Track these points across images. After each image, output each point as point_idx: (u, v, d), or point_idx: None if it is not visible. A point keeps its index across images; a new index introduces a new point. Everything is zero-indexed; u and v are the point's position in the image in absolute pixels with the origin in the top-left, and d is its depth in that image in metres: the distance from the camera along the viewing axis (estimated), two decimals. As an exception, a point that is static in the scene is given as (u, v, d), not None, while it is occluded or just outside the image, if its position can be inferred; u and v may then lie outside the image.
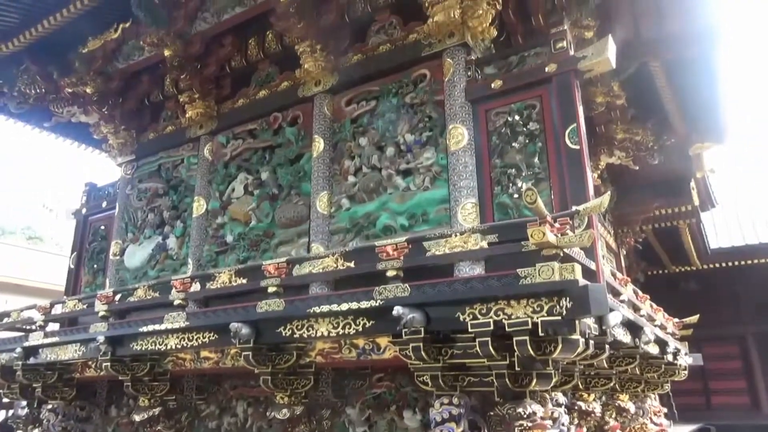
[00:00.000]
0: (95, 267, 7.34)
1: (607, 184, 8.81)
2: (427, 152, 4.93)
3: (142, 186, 7.05)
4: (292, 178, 5.76)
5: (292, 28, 5.64)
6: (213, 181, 6.37)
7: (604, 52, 4.29)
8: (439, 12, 4.94)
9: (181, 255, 6.39)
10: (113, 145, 7.37)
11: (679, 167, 8.85)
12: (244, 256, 5.80)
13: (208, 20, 6.25)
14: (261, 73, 6.42)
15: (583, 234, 3.15)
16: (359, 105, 5.50)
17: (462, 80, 4.90)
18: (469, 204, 4.53)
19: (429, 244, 4.19)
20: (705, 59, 6.62)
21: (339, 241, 5.19)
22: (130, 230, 6.94)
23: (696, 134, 8.13)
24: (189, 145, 6.78)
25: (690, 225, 10.32)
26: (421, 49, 5.21)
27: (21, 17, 6.24)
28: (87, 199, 7.91)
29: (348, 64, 5.66)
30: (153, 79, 7.14)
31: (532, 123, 4.54)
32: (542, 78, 4.54)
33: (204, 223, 6.26)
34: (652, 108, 7.67)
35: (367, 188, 5.18)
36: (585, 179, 4.11)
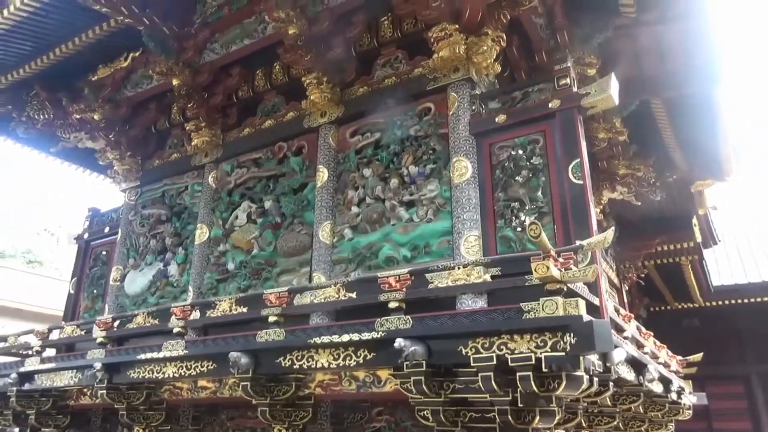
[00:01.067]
0: (95, 292, 7.30)
1: (609, 219, 8.82)
2: (431, 184, 4.95)
3: (146, 212, 7.07)
4: (295, 207, 5.77)
5: (300, 61, 5.73)
6: (216, 209, 6.39)
7: (608, 89, 4.35)
8: (444, 48, 5.03)
9: (182, 282, 6.36)
10: (118, 171, 7.42)
11: (681, 204, 8.88)
12: (245, 285, 5.77)
13: (217, 51, 6.38)
14: (267, 103, 6.50)
15: (587, 269, 3.15)
16: (364, 136, 5.55)
17: (466, 114, 4.96)
18: (472, 237, 4.53)
19: (431, 276, 4.18)
20: (705, 97, 6.71)
21: (341, 271, 5.17)
22: (132, 256, 6.93)
23: (698, 171, 8.18)
24: (193, 172, 6.82)
25: (692, 262, 10.29)
26: (426, 83, 5.29)
27: (34, 45, 6.36)
28: (89, 224, 7.93)
29: (353, 96, 5.74)
30: (160, 107, 7.23)
31: (536, 157, 4.58)
32: (546, 113, 4.59)
33: (206, 250, 6.26)
34: (654, 144, 7.74)
35: (370, 219, 5.19)
36: (588, 214, 4.11)
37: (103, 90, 7.00)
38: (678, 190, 8.49)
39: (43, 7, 5.62)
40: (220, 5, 6.27)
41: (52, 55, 6.44)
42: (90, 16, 5.89)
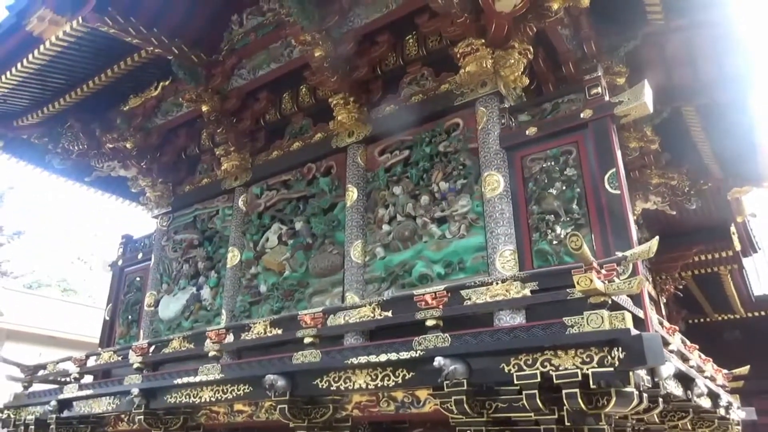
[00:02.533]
0: (129, 318, 7.38)
1: (643, 229, 8.64)
2: (462, 200, 4.91)
3: (178, 237, 7.15)
4: (326, 228, 5.77)
5: (326, 82, 5.78)
6: (247, 232, 6.43)
7: (641, 96, 4.27)
8: (471, 62, 5.02)
9: (215, 306, 6.39)
10: (150, 197, 7.54)
11: (718, 212, 8.66)
12: (278, 307, 5.77)
13: (245, 77, 6.49)
14: (295, 126, 6.55)
15: (632, 281, 3.05)
16: (393, 154, 5.55)
17: (496, 128, 4.92)
18: (507, 251, 4.45)
19: (468, 292, 4.11)
20: (740, 103, 6.55)
21: (374, 291, 5.13)
22: (165, 281, 7.00)
23: (733, 178, 7.98)
24: (224, 196, 6.89)
25: (732, 271, 9.98)
26: (453, 98, 5.27)
27: (67, 79, 6.53)
28: (123, 251, 8.05)
29: (381, 115, 5.75)
30: (190, 134, 7.36)
31: (569, 169, 4.50)
32: (578, 124, 4.53)
33: (238, 273, 6.29)
34: (687, 152, 7.58)
35: (401, 236, 5.15)
36: (627, 224, 4.02)
37: (135, 119, 7.16)
38: (714, 198, 8.28)
39: (76, 42, 5.77)
40: (246, 32, 6.39)
41: (86, 87, 6.60)
42: (121, 48, 6.03)
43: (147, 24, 5.78)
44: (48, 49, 5.77)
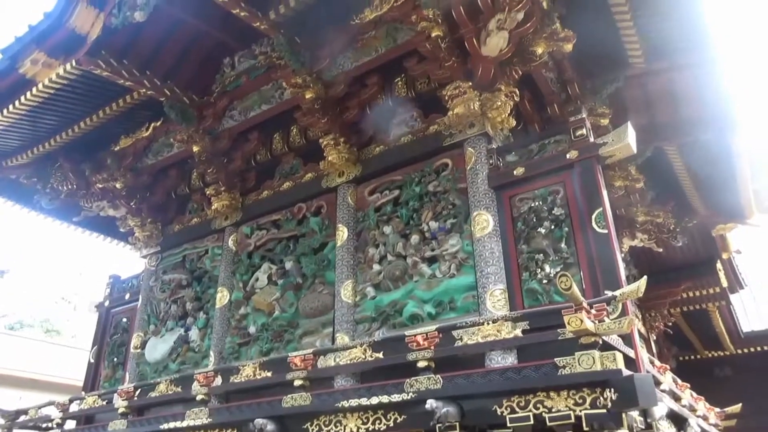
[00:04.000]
0: (115, 361, 7.24)
1: (630, 266, 8.69)
2: (452, 239, 4.94)
3: (166, 277, 7.09)
4: (316, 267, 5.77)
5: (316, 123, 5.87)
6: (237, 272, 6.39)
7: (625, 138, 4.38)
8: (459, 105, 5.13)
9: (203, 347, 6.30)
10: (139, 237, 7.50)
11: (704, 249, 8.76)
12: (268, 348, 5.70)
13: (236, 117, 6.56)
14: (285, 166, 6.60)
15: (622, 320, 3.07)
16: (383, 194, 5.60)
17: (484, 168, 5.00)
18: (497, 290, 4.47)
19: (459, 332, 4.11)
20: (721, 142, 6.71)
21: (364, 331, 5.10)
22: (153, 322, 6.91)
23: (718, 215, 8.10)
24: (214, 236, 6.88)
25: (720, 308, 10.03)
26: (442, 139, 5.37)
27: (59, 119, 6.56)
28: (110, 292, 7.96)
29: (371, 156, 5.83)
30: (180, 174, 7.38)
31: (557, 208, 4.57)
32: (564, 164, 4.62)
33: (227, 314, 6.23)
34: (672, 190, 7.71)
35: (392, 276, 5.15)
36: (616, 263, 4.06)
37: (125, 159, 7.17)
38: (700, 235, 8.38)
39: (69, 84, 5.82)
40: (238, 74, 6.49)
41: (77, 128, 6.62)
42: (113, 89, 6.10)
43: (140, 67, 5.87)
44: (41, 91, 5.81)
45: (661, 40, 5.53)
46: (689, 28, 5.24)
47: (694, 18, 5.07)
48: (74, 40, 5.37)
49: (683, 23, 5.20)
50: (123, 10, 5.01)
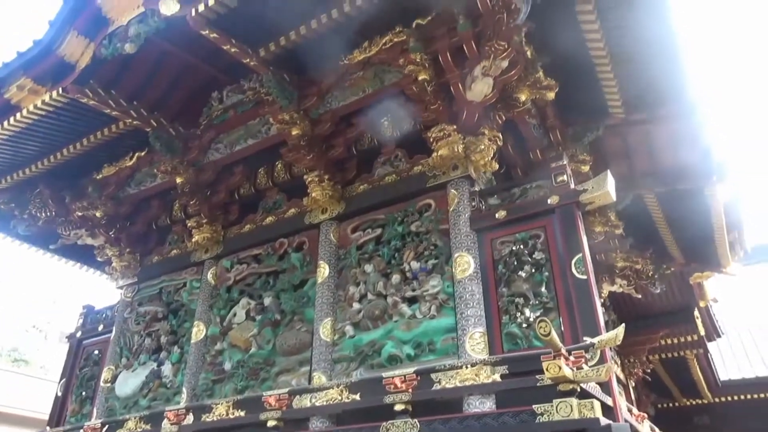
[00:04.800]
0: (83, 394, 7.01)
1: (610, 311, 8.74)
2: (433, 280, 4.93)
3: (142, 309, 6.95)
4: (295, 304, 5.70)
5: (301, 160, 5.90)
6: (214, 306, 6.29)
7: (605, 185, 4.46)
8: (443, 147, 5.20)
9: (176, 383, 6.14)
10: (116, 267, 7.37)
11: (682, 296, 8.85)
12: (242, 386, 5.57)
13: (221, 150, 6.57)
14: (269, 200, 6.59)
15: (600, 368, 3.07)
16: (365, 232, 5.60)
17: (466, 210, 5.04)
18: (477, 333, 4.45)
19: (438, 375, 4.06)
20: (697, 192, 6.86)
21: (342, 371, 5.02)
22: (125, 355, 6.73)
23: (695, 264, 8.22)
24: (193, 268, 6.79)
25: (697, 355, 10.08)
26: (426, 180, 5.42)
27: (42, 146, 6.50)
28: (83, 322, 7.75)
29: (354, 193, 5.85)
30: (162, 204, 7.32)
31: (538, 252, 4.61)
32: (545, 209, 4.68)
33: (202, 349, 6.10)
34: (650, 237, 7.83)
35: (372, 315, 5.11)
36: (595, 310, 4.08)
37: (107, 188, 7.10)
38: (677, 283, 8.48)
39: (54, 111, 5.80)
40: (226, 108, 6.52)
41: (60, 155, 6.57)
42: (99, 118, 6.09)
43: (127, 97, 5.89)
44: (25, 117, 5.76)
45: (639, 92, 5.69)
46: (667, 81, 5.41)
47: (672, 71, 5.24)
48: (62, 68, 5.38)
49: (662, 76, 5.37)
50: (114, 41, 5.05)
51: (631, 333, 9.29)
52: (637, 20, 4.79)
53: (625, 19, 4.83)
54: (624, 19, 4.84)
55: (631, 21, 4.83)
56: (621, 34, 4.99)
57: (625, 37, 5.01)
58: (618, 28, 4.95)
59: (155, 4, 4.73)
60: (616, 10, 4.77)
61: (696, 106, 5.63)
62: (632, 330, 9.22)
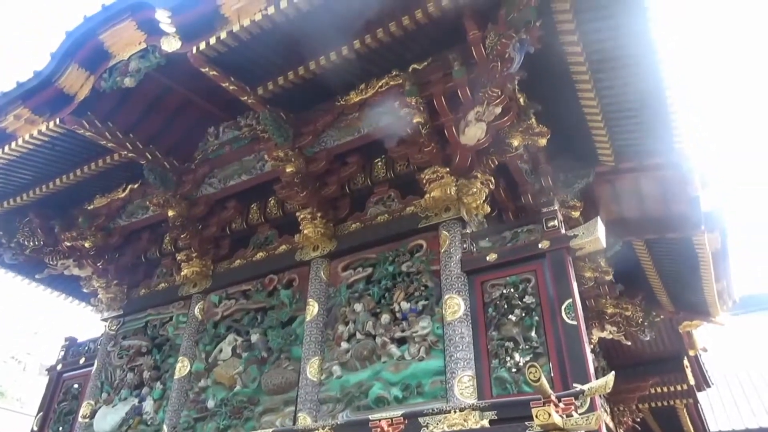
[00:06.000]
0: (60, 430, 6.81)
1: (599, 358, 8.69)
2: (423, 321, 4.90)
3: (126, 343, 6.83)
4: (282, 342, 5.63)
5: (295, 197, 5.93)
6: (200, 342, 6.20)
7: (595, 232, 4.51)
8: (436, 188, 5.26)
9: (157, 420, 5.99)
10: (102, 299, 7.28)
11: (671, 344, 8.84)
12: (225, 425, 5.44)
13: (215, 185, 6.58)
14: (260, 236, 6.58)
15: (590, 416, 3.04)
16: (356, 271, 5.59)
17: (458, 252, 5.05)
18: (465, 377, 4.40)
19: (425, 420, 4.00)
20: (685, 241, 6.94)
21: (328, 412, 4.92)
22: (106, 390, 6.57)
23: (684, 312, 8.24)
24: (180, 303, 6.71)
25: (687, 405, 9.98)
26: (418, 221, 5.45)
27: (34, 175, 6.49)
28: (65, 354, 7.58)
29: (346, 232, 5.86)
30: (152, 237, 7.28)
31: (528, 296, 4.61)
32: (536, 253, 4.71)
33: (186, 385, 5.97)
34: (640, 284, 7.86)
35: (360, 355, 5.05)
36: (584, 356, 4.06)
37: (98, 219, 7.05)
38: (666, 331, 8.49)
39: (49, 141, 5.82)
40: (221, 143, 6.57)
41: (52, 184, 6.55)
42: (94, 149, 6.11)
43: (124, 130, 5.93)
44: (19, 146, 5.79)
45: (629, 142, 5.82)
46: (656, 133, 5.55)
47: (662, 124, 5.38)
48: (61, 99, 5.43)
49: (651, 128, 5.51)
50: (114, 75, 5.13)
51: (620, 380, 9.20)
52: (628, 77, 4.95)
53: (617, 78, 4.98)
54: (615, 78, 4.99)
55: (622, 78, 4.98)
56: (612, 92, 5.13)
57: (615, 93, 5.15)
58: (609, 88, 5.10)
59: (157, 41, 4.82)
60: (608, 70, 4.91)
61: (684, 157, 5.75)
62: (622, 377, 9.14)
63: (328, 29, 4.55)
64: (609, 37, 4.61)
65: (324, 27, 4.51)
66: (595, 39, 4.65)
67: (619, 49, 4.69)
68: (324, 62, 4.95)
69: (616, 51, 4.73)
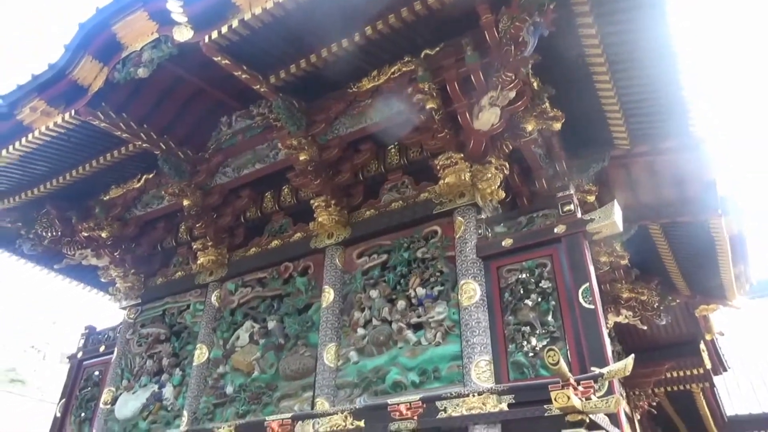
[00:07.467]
0: (82, 416, 6.94)
1: (615, 342, 8.67)
2: (439, 306, 4.92)
3: (144, 331, 6.92)
4: (299, 328, 5.68)
5: (308, 185, 5.94)
6: (218, 329, 6.27)
7: (611, 215, 4.48)
8: (450, 174, 5.24)
9: (177, 406, 6.08)
10: (120, 288, 7.37)
11: (688, 329, 8.79)
12: (244, 410, 5.51)
13: (229, 174, 6.61)
14: (275, 224, 6.61)
15: (610, 399, 3.04)
16: (371, 258, 5.61)
17: (473, 237, 5.05)
18: (482, 362, 4.41)
19: (444, 403, 4.02)
20: (701, 225, 6.86)
21: (345, 397, 4.97)
22: (126, 377, 6.68)
23: (700, 296, 8.17)
24: (197, 291, 6.78)
25: (704, 389, 9.94)
26: (432, 207, 5.44)
27: (51, 166, 6.56)
28: (84, 343, 7.71)
29: (361, 219, 5.87)
30: (168, 226, 7.34)
31: (544, 281, 4.60)
32: (552, 238, 4.69)
33: (204, 372, 6.05)
34: (655, 268, 7.80)
35: (376, 341, 5.08)
36: (602, 340, 4.05)
37: (114, 209, 7.13)
38: (683, 315, 8.43)
39: (65, 132, 5.87)
40: (234, 132, 6.59)
41: (69, 176, 6.62)
42: (109, 140, 6.16)
43: (138, 120, 5.96)
44: (36, 138, 5.83)
45: (644, 124, 5.76)
46: (672, 116, 5.48)
47: (677, 107, 5.31)
48: (75, 91, 5.47)
49: (667, 109, 5.44)
50: (127, 66, 5.15)
51: (636, 365, 9.10)
52: (644, 61, 4.88)
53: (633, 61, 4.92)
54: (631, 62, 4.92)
55: (638, 61, 4.91)
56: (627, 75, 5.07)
57: (630, 76, 5.08)
58: (624, 71, 5.03)
59: (169, 31, 4.83)
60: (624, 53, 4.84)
61: (700, 140, 5.67)
62: (637, 362, 9.02)
63: (339, 16, 4.53)
64: (625, 20, 4.55)
65: (335, 14, 4.49)
66: (610, 22, 4.58)
67: (635, 33, 4.62)
68: (336, 49, 4.93)
69: (631, 35, 4.66)
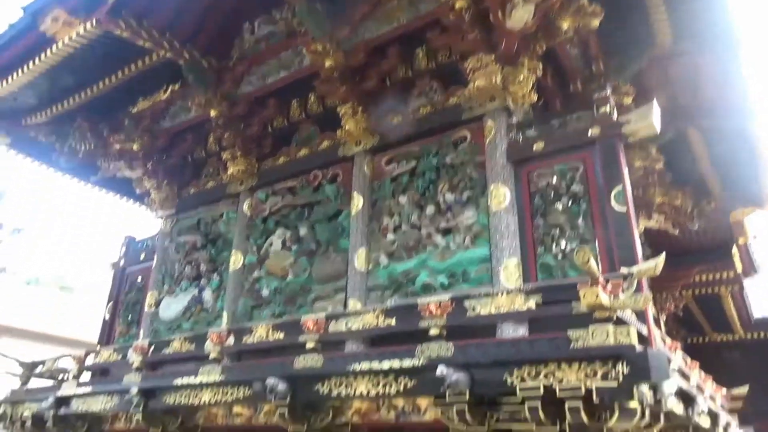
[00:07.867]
0: (130, 318, 7.38)
1: (645, 247, 8.65)
2: (468, 211, 4.94)
3: (181, 239, 7.17)
4: (330, 235, 5.80)
5: (335, 92, 5.84)
6: (251, 236, 6.45)
7: (649, 117, 4.32)
8: (480, 78, 5.07)
9: (216, 308, 6.40)
10: (155, 199, 7.57)
11: (720, 233, 8.68)
12: (280, 311, 5.78)
13: (254, 83, 6.53)
14: (302, 133, 6.60)
15: (638, 296, 3.09)
16: (399, 164, 5.59)
17: (503, 142, 4.96)
18: (511, 264, 4.48)
19: (472, 302, 4.13)
20: (742, 128, 6.60)
21: (377, 298, 5.15)
22: (167, 282, 7.01)
23: (736, 200, 8.01)
24: (228, 200, 6.92)
25: (732, 292, 9.99)
26: (461, 112, 5.32)
27: (78, 79, 6.56)
28: (125, 252, 8.05)
29: (389, 125, 5.79)
30: (197, 138, 7.40)
31: (576, 185, 4.55)
32: (586, 141, 4.58)
33: (240, 277, 6.30)
34: (691, 173, 7.62)
35: (406, 246, 5.18)
36: (633, 242, 4.05)
37: (143, 121, 7.19)
38: (716, 219, 8.30)
39: (88, 43, 5.80)
40: (258, 40, 6.44)
41: (95, 88, 6.62)
42: (132, 51, 6.07)
43: (160, 29, 5.83)
44: (60, 50, 5.78)
45: (687, 22, 5.41)
46: (716, 13, 5.12)
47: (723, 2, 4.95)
48: (95, 0, 5.35)
49: (711, 7, 5.08)
50: (146, -31, 4.98)
51: (665, 269, 9.10)
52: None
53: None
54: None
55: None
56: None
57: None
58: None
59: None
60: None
61: (743, 39, 5.33)
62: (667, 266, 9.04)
63: None
64: None
65: None
66: None
67: None
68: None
69: None
